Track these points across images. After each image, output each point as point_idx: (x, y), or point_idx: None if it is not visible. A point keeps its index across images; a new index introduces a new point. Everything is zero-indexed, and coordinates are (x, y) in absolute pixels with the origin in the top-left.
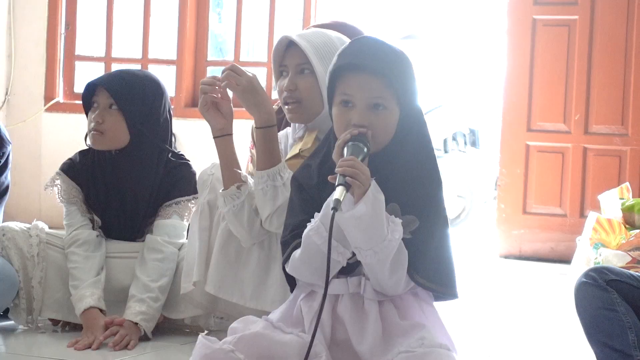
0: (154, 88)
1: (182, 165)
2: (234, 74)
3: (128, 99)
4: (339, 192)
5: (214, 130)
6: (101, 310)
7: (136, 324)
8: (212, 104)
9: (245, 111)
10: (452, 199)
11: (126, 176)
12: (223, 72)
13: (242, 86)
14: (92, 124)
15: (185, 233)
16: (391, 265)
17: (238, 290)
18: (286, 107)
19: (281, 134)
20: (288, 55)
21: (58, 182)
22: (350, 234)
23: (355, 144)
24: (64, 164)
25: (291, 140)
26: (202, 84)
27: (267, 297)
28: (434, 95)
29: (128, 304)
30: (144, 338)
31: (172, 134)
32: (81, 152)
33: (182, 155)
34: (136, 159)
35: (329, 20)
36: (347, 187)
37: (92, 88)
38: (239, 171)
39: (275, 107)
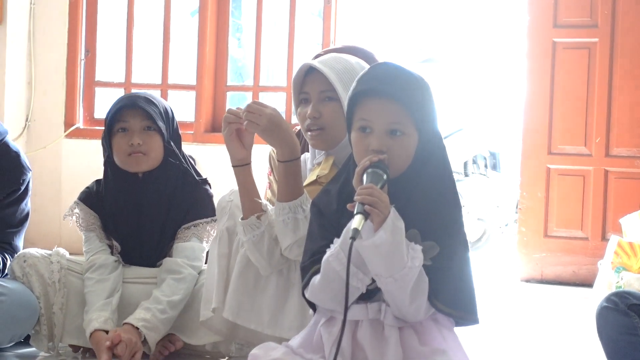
0: (169, 105)
1: (198, 187)
2: (253, 114)
3: (161, 118)
4: (357, 221)
5: (234, 160)
6: (108, 332)
7: (137, 329)
8: (236, 134)
9: None
10: (472, 222)
11: (155, 198)
12: (243, 111)
13: (262, 126)
14: (130, 147)
15: (204, 255)
16: (411, 292)
17: (256, 316)
18: (309, 133)
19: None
20: (309, 82)
21: (76, 210)
22: (370, 262)
23: (374, 170)
24: (82, 192)
25: (310, 165)
26: (228, 113)
27: (284, 324)
28: (454, 119)
29: (135, 311)
30: (146, 353)
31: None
32: (97, 181)
33: (203, 178)
34: (164, 179)
35: (340, 45)
36: (366, 215)
37: (120, 112)
38: (259, 200)
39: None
